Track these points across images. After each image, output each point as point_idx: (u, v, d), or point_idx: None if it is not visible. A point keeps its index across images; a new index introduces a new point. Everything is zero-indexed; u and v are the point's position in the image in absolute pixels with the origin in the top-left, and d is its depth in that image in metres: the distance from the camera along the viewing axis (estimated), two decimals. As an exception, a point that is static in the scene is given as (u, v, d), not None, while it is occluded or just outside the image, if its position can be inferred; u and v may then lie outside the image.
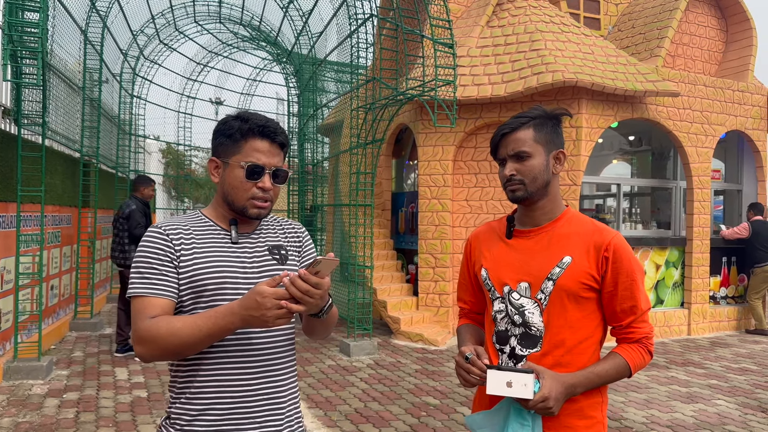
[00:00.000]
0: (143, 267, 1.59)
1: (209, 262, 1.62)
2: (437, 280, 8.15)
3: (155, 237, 1.62)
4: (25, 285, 6.28)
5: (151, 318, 1.54)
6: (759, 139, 9.34)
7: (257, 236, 1.75)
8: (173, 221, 1.69)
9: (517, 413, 1.67)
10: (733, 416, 5.10)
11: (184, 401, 1.62)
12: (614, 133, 10.29)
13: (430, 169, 8.20)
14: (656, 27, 8.82)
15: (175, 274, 1.60)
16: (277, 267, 1.72)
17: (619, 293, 1.75)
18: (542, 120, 1.82)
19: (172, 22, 12.26)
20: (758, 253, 8.77)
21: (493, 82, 7.82)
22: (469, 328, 2.03)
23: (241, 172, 1.65)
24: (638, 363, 1.77)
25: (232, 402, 1.60)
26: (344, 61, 9.15)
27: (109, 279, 11.03)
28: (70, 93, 8.08)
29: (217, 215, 1.74)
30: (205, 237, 1.67)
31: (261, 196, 1.65)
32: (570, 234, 1.80)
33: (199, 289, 1.60)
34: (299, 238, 1.85)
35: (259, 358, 1.64)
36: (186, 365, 1.63)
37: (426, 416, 4.94)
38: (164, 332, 1.51)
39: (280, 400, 1.66)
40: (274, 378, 1.66)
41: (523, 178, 1.78)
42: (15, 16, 5.32)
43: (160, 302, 1.57)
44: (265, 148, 1.66)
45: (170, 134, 18.08)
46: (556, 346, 1.74)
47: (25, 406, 4.99)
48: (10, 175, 5.95)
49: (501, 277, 1.83)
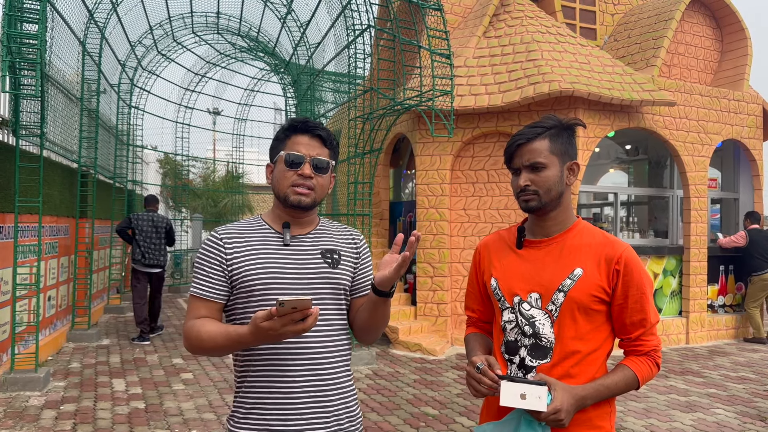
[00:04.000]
0: (197, 270, 1.76)
1: (258, 265, 1.72)
2: (435, 290, 8.14)
3: (210, 242, 1.76)
4: (23, 296, 6.26)
5: (197, 318, 1.71)
6: (755, 148, 9.38)
7: (311, 239, 1.81)
8: (231, 226, 1.81)
9: (528, 425, 1.66)
10: (731, 425, 5.09)
11: (241, 395, 1.74)
12: (611, 143, 10.33)
13: (428, 179, 8.22)
14: (652, 37, 8.88)
15: (224, 277, 1.73)
16: (329, 270, 1.77)
17: (629, 306, 1.75)
18: (557, 131, 1.81)
19: (170, 33, 12.32)
20: (756, 262, 8.78)
21: (490, 92, 7.86)
22: (478, 337, 2.02)
23: (283, 163, 1.76)
24: (646, 375, 1.77)
25: (279, 399, 1.67)
26: (342, 71, 9.19)
27: (107, 290, 11.00)
28: (68, 104, 8.10)
29: (273, 218, 1.83)
30: (258, 240, 1.77)
31: (301, 182, 1.74)
32: (581, 246, 1.79)
33: (248, 290, 1.71)
34: (356, 244, 1.90)
35: (306, 357, 1.69)
36: (241, 361, 1.74)
37: (425, 427, 4.92)
38: (195, 334, 1.68)
39: (327, 398, 1.71)
40: (322, 376, 1.71)
41: (538, 189, 1.77)
42: (13, 27, 5.33)
43: (207, 304, 1.73)
44: (305, 140, 1.77)
45: (168, 144, 18.11)
46: (566, 358, 1.74)
47: (21, 418, 4.96)
48: (7, 186, 5.95)
49: (511, 287, 1.82)
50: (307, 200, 1.75)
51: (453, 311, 8.16)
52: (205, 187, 19.86)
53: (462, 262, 8.17)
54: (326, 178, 1.80)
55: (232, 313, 1.77)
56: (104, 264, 10.62)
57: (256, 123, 17.45)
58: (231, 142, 17.31)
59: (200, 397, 5.66)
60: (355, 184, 7.58)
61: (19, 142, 5.92)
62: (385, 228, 9.60)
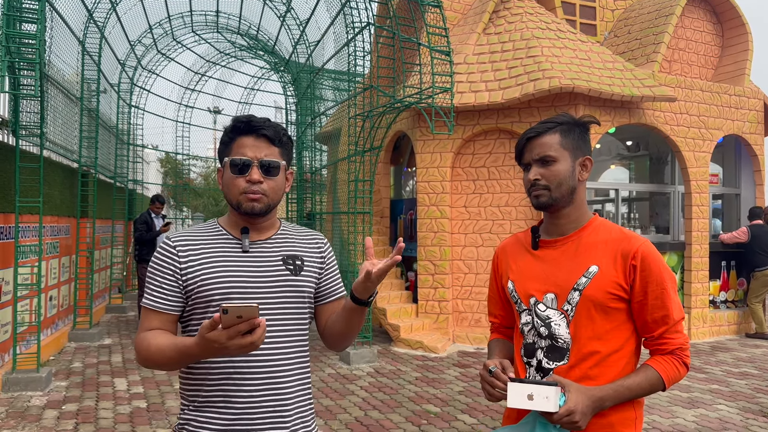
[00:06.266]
0: (149, 280, 1.67)
1: (216, 272, 1.62)
2: (436, 287, 8.14)
3: (162, 251, 1.67)
4: (24, 296, 6.26)
5: (148, 330, 1.62)
6: (756, 143, 9.36)
7: (272, 245, 1.72)
8: (185, 232, 1.71)
9: (543, 428, 1.61)
10: (734, 421, 5.08)
11: (192, 409, 1.64)
12: (612, 139, 10.31)
13: (429, 176, 8.21)
14: (652, 32, 8.86)
15: (177, 287, 1.63)
16: (291, 277, 1.69)
17: (649, 302, 1.68)
18: (569, 126, 1.77)
19: (169, 32, 12.31)
20: (758, 258, 8.77)
21: (490, 89, 7.85)
22: (499, 343, 1.98)
23: (229, 168, 1.66)
24: (672, 376, 1.68)
25: (237, 413, 1.59)
26: (341, 69, 9.18)
27: (108, 289, 11.01)
28: (68, 104, 8.10)
29: (230, 223, 1.73)
30: (215, 246, 1.67)
31: (251, 189, 1.63)
32: (597, 242, 1.74)
33: (206, 298, 1.61)
34: (320, 249, 1.81)
35: (265, 370, 1.61)
36: (195, 374, 1.64)
37: (427, 424, 4.92)
38: (144, 347, 1.58)
39: (285, 413, 1.64)
40: (280, 391, 1.63)
41: (548, 183, 1.73)
42: (12, 27, 5.32)
43: (159, 316, 1.64)
44: (250, 142, 1.65)
45: (168, 144, 18.15)
46: (584, 359, 1.68)
47: (23, 418, 4.97)
48: (8, 186, 5.95)
49: (527, 288, 1.79)
50: (259, 206, 1.64)
51: (454, 309, 8.15)
52: (206, 186, 19.87)
53: (463, 259, 8.16)
54: (278, 179, 1.67)
55: (188, 324, 1.68)
56: (105, 264, 10.62)
57: (256, 122, 17.48)
58: (231, 141, 17.32)
59: (202, 396, 5.66)
60: (356, 182, 7.57)
61: (19, 143, 5.92)
62: (386, 226, 9.59)
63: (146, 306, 1.65)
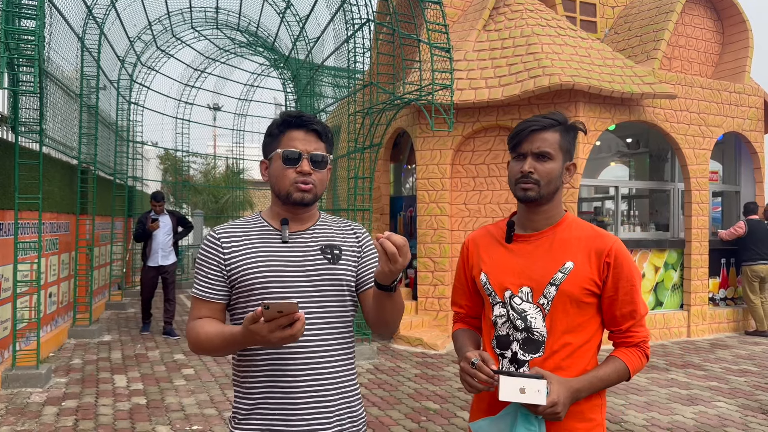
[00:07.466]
0: (197, 271, 1.77)
1: (256, 263, 1.70)
2: (436, 284, 8.14)
3: (208, 243, 1.76)
4: (23, 293, 6.26)
5: (197, 319, 1.73)
6: (756, 141, 9.35)
7: (310, 235, 1.79)
8: (229, 225, 1.80)
9: (524, 419, 1.67)
10: (733, 418, 5.09)
11: (242, 395, 1.72)
12: (612, 136, 10.31)
13: (428, 173, 8.20)
14: (652, 29, 8.84)
15: (222, 277, 1.73)
16: (329, 266, 1.75)
17: (619, 298, 1.77)
18: (566, 128, 1.83)
19: (169, 28, 12.29)
20: (747, 252, 8.77)
21: (490, 86, 7.84)
22: (467, 333, 2.01)
23: (280, 160, 1.73)
24: (636, 366, 1.80)
25: (281, 399, 1.66)
26: (341, 66, 9.17)
27: (108, 286, 11.01)
28: (67, 100, 8.08)
29: (272, 215, 1.81)
30: (256, 237, 1.76)
31: (301, 179, 1.71)
32: (570, 239, 1.80)
33: (248, 289, 1.70)
34: (358, 238, 1.87)
35: (306, 355, 1.68)
36: (243, 362, 1.72)
37: (426, 421, 4.92)
38: (194, 335, 1.69)
39: (327, 397, 1.69)
40: (323, 376, 1.69)
41: (540, 179, 1.77)
42: (11, 24, 5.31)
43: (207, 304, 1.73)
44: (300, 136, 1.74)
45: (168, 140, 18.14)
46: (557, 351, 1.75)
47: (23, 415, 4.97)
48: (7, 183, 5.94)
49: (502, 281, 1.82)
50: (309, 196, 1.73)
51: (454, 306, 8.14)
52: (206, 183, 19.87)
53: (463, 256, 8.15)
54: (325, 172, 1.77)
55: (234, 311, 1.76)
56: (105, 260, 10.62)
57: (256, 118, 17.48)
58: (231, 138, 17.31)
59: (201, 392, 5.67)
60: (356, 179, 7.57)
61: (18, 139, 5.91)
62: (386, 223, 9.59)
63: (195, 295, 1.74)
